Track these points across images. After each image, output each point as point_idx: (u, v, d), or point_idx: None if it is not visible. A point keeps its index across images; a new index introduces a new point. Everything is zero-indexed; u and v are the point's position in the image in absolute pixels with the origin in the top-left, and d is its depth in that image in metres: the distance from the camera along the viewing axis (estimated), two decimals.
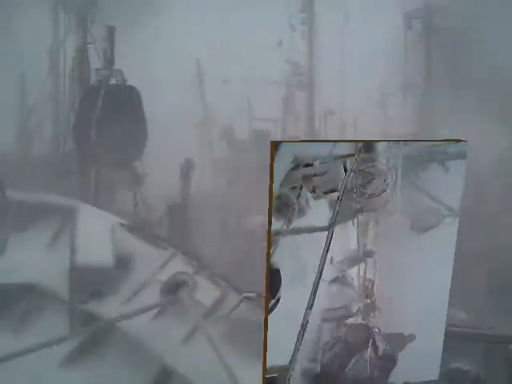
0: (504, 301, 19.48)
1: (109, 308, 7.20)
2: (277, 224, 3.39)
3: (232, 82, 36.87)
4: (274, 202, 3.43)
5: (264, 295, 6.45)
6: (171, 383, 6.66)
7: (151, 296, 7.16)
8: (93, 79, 23.49)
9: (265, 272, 3.50)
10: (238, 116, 38.99)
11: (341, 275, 3.78)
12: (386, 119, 44.87)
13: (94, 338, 7.05)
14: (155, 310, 7.03)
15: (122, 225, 7.81)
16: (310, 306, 3.58)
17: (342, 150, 3.57)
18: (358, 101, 37.58)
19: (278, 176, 3.51)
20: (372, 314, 3.95)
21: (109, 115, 21.21)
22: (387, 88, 42.33)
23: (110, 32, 22.39)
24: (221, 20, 40.21)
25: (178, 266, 7.34)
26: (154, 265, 7.39)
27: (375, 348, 4.01)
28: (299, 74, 36.91)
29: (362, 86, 38.88)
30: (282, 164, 3.52)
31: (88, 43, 23.94)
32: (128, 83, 22.79)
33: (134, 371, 6.83)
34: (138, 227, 7.82)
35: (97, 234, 7.65)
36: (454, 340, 10.60)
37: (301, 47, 36.06)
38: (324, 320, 3.78)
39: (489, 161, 30.93)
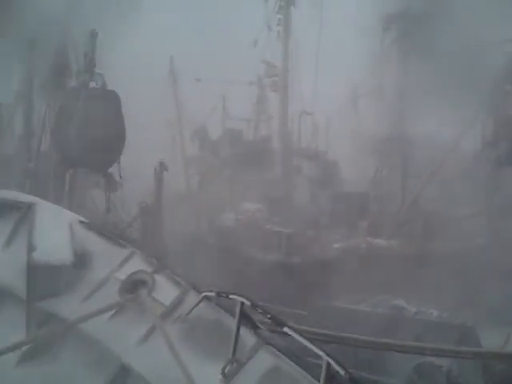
0: (475, 298, 19.65)
1: (67, 306, 7.11)
2: None
3: (206, 81, 36.82)
4: None
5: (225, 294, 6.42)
6: (128, 383, 6.60)
7: (110, 294, 7.09)
8: (73, 82, 23.42)
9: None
10: (211, 115, 38.99)
11: None
12: (359, 120, 45.05)
13: (50, 336, 6.97)
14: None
15: (81, 222, 7.72)
16: None
17: None
18: (332, 102, 37.68)
19: None
20: None
21: (88, 118, 21.14)
22: (361, 89, 42.51)
23: (92, 36, 22.27)
24: (196, 19, 40.15)
25: (138, 264, 7.27)
26: (113, 263, 7.31)
27: None
28: (274, 75, 36.91)
29: (336, 87, 39.01)
30: None
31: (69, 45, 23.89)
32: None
33: (92, 370, 6.77)
34: (98, 225, 7.72)
35: (55, 232, 7.55)
36: (427, 335, 10.70)
37: (276, 48, 36.07)
38: None
39: (460, 163, 31.16)
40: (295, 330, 5.91)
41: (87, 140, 20.41)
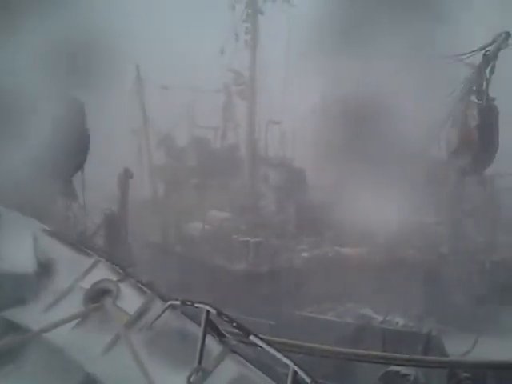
0: (441, 306, 19.82)
1: (30, 315, 6.99)
2: None
3: (173, 89, 36.76)
4: None
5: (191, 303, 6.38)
6: None
7: (74, 303, 6.99)
8: None
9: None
10: (178, 123, 38.88)
11: None
12: (327, 129, 45.24)
13: (13, 346, 6.85)
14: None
15: (44, 230, 7.61)
16: None
17: None
18: (299, 111, 37.82)
19: None
20: None
21: (52, 126, 20.96)
22: (328, 98, 42.74)
23: None
24: (163, 26, 40.04)
25: (102, 273, 7.18)
26: (77, 272, 7.21)
27: None
28: (241, 83, 36.98)
29: (303, 96, 39.15)
30: None
31: None
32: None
33: (55, 380, 6.66)
34: (62, 233, 7.62)
35: (18, 240, 7.44)
36: (394, 344, 10.77)
37: (243, 56, 36.15)
38: None
39: (425, 172, 31.45)
40: (261, 338, 5.89)
41: (50, 148, 20.22)
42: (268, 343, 5.83)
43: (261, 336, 5.95)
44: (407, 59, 25.65)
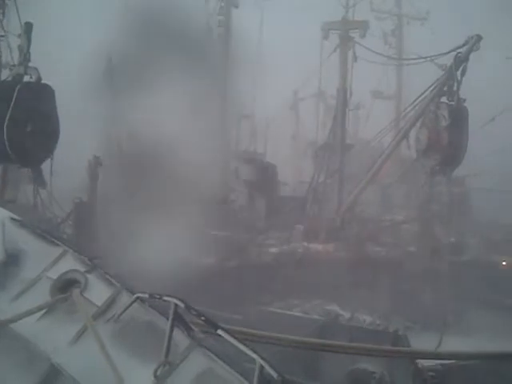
0: (408, 305, 20.02)
1: None
2: None
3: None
4: None
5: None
6: (58, 383, 6.48)
7: (41, 294, 6.93)
8: (6, 75, 22.89)
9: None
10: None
11: None
12: (298, 124, 45.45)
13: None
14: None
15: (12, 219, 7.53)
16: None
17: None
18: (272, 105, 37.90)
19: None
20: None
21: (22, 113, 20.71)
22: (300, 94, 42.91)
23: (28, 29, 21.81)
24: (135, 18, 39.71)
25: (70, 263, 7.13)
26: (45, 262, 7.15)
27: None
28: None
29: (275, 90, 39.23)
30: None
31: (1, 36, 23.33)
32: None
33: (21, 371, 6.61)
34: (30, 222, 7.54)
35: None
36: (360, 342, 10.84)
37: (217, 50, 36.05)
38: None
39: (397, 170, 31.74)
40: (229, 333, 5.89)
41: (19, 134, 20.02)
42: (235, 336, 5.83)
43: (228, 328, 5.96)
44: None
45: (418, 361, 10.61)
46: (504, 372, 9.58)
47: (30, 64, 21.87)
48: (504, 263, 25.60)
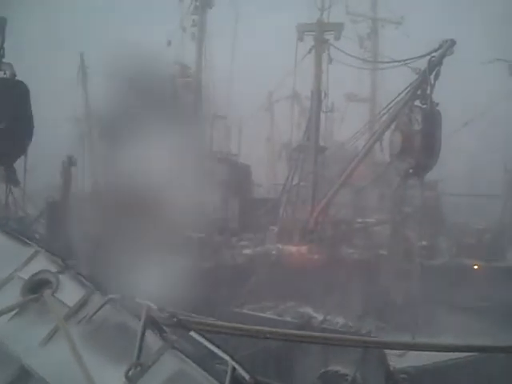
0: (381, 306, 20.16)
1: None
2: None
3: (118, 79, 36.34)
4: None
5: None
6: None
7: (12, 294, 6.85)
8: None
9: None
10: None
11: None
12: (273, 126, 45.49)
13: None
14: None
15: None
16: None
17: None
18: (246, 106, 37.89)
19: None
20: None
21: None
22: (275, 95, 42.95)
23: (1, 24, 21.62)
24: (109, 16, 39.64)
25: (42, 263, 7.05)
26: (17, 262, 7.07)
27: None
28: (187, 76, 36.82)
29: (250, 91, 39.23)
30: None
31: None
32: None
33: None
34: (1, 221, 7.48)
35: None
36: (333, 344, 10.88)
37: (190, 49, 36.03)
38: None
39: (370, 173, 31.89)
40: (202, 334, 5.88)
41: None
42: (208, 339, 5.82)
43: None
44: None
45: (390, 363, 10.68)
46: (474, 373, 9.69)
47: (4, 60, 21.71)
48: (475, 267, 25.85)
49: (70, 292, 6.81)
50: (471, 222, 31.67)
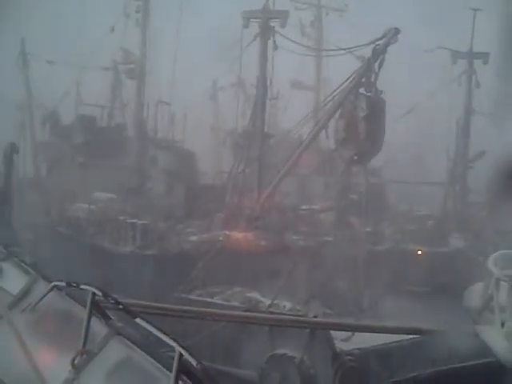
0: (326, 292, 20.34)
1: None
2: None
3: (59, 65, 35.88)
4: None
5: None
6: None
7: None
8: None
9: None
10: (64, 100, 37.98)
11: None
12: (218, 113, 45.39)
13: None
14: None
15: None
16: None
17: None
18: (190, 92, 37.67)
19: None
20: None
21: None
22: (220, 82, 42.81)
23: None
24: (52, 2, 38.92)
25: None
26: None
27: None
28: (130, 62, 36.46)
29: (194, 78, 39.02)
30: None
31: None
32: None
33: None
34: None
35: None
36: (280, 329, 10.95)
37: (134, 35, 35.68)
38: None
39: (316, 160, 32.08)
40: (147, 321, 5.82)
41: None
42: (155, 326, 5.75)
43: (148, 319, 5.87)
44: None
45: (337, 345, 10.80)
46: (417, 354, 9.86)
47: None
48: (419, 252, 26.26)
49: (13, 279, 6.69)
50: (415, 208, 32.14)
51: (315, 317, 12.36)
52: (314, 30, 41.34)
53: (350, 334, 11.03)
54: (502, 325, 7.19)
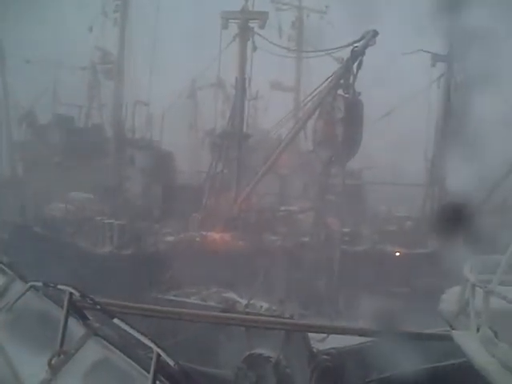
0: (303, 292, 20.38)
1: None
2: None
3: (37, 65, 35.68)
4: None
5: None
6: None
7: None
8: None
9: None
10: (41, 99, 37.77)
11: None
12: (196, 113, 45.26)
13: None
14: None
15: None
16: None
17: None
18: (168, 92, 37.57)
19: None
20: None
21: None
22: (199, 82, 42.71)
23: None
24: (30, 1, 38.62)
25: None
26: None
27: None
28: (108, 62, 36.28)
29: (172, 77, 38.91)
30: None
31: None
32: None
33: None
34: None
35: None
36: (257, 328, 10.98)
37: (112, 35, 35.47)
38: None
39: (294, 161, 32.14)
40: (125, 322, 5.80)
41: None
42: (132, 326, 5.74)
43: (125, 320, 5.86)
44: None
45: (313, 345, 10.87)
46: (392, 353, 9.93)
47: None
48: (397, 253, 26.33)
49: None
50: (393, 209, 32.23)
51: (291, 317, 12.41)
52: (295, 32, 41.30)
53: (325, 335, 11.11)
54: (478, 329, 7.28)
